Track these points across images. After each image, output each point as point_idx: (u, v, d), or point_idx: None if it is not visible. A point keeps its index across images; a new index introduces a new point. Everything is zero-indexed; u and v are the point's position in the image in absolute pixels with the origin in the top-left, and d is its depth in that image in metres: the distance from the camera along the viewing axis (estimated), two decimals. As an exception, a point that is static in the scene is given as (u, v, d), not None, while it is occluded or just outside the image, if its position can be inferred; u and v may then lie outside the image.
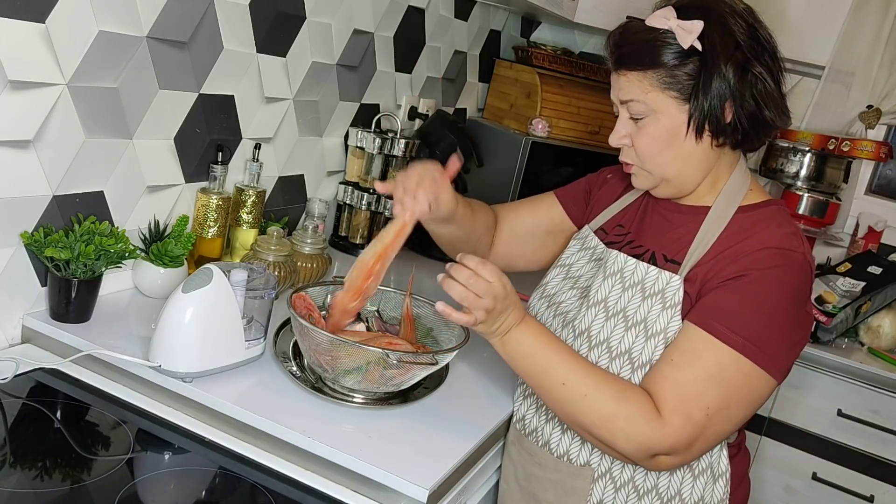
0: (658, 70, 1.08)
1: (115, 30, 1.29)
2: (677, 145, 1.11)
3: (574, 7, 2.22)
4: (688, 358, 1.06)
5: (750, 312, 1.05)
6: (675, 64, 1.08)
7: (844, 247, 2.62)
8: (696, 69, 1.08)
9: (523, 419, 1.28)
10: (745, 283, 1.06)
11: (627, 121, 1.14)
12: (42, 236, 1.24)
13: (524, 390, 1.30)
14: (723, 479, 1.17)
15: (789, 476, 2.23)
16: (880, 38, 2.50)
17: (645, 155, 1.14)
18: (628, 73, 1.11)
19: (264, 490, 1.06)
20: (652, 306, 1.12)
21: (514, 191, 2.32)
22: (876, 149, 2.46)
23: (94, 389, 1.20)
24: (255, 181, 1.65)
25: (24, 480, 0.96)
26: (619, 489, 1.17)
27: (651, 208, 1.25)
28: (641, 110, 1.11)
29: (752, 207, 1.15)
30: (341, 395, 1.22)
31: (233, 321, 1.18)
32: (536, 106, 2.40)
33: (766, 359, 1.05)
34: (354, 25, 1.91)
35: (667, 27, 1.08)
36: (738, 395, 1.06)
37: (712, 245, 1.12)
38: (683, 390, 1.05)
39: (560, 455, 1.21)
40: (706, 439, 1.07)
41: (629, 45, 1.11)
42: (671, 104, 1.09)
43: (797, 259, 1.08)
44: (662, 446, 1.05)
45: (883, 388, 2.11)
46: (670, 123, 1.10)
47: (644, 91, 1.10)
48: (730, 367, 1.04)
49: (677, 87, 1.08)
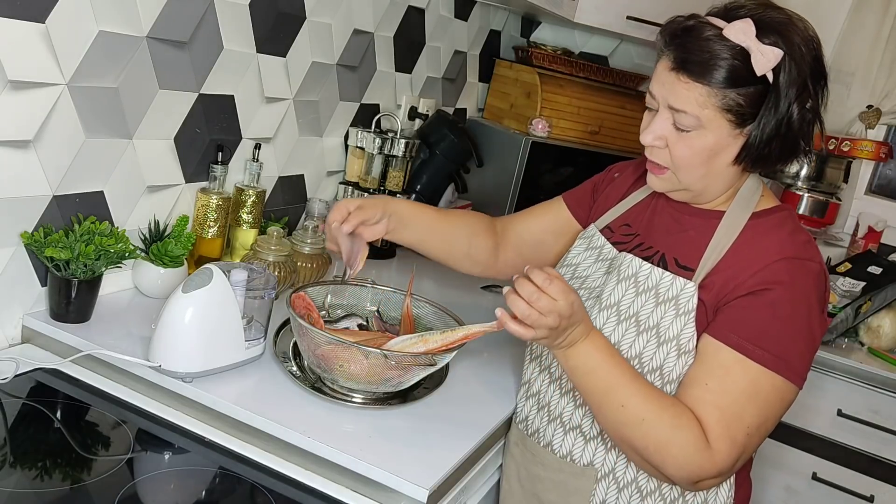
0: (724, 91, 1.03)
1: (115, 30, 1.29)
2: (714, 164, 1.09)
3: (574, 7, 2.22)
4: (724, 381, 1.06)
5: (777, 329, 1.05)
6: (742, 88, 1.03)
7: (844, 247, 2.62)
8: (758, 97, 1.03)
9: (526, 419, 1.28)
10: (770, 298, 1.06)
11: (669, 125, 1.09)
12: (42, 236, 1.24)
13: (526, 390, 1.30)
14: (727, 482, 1.17)
15: (789, 476, 2.23)
16: (880, 38, 2.50)
17: (681, 165, 1.10)
18: (690, 82, 1.04)
19: (264, 490, 1.06)
20: (665, 312, 1.12)
21: (514, 191, 2.32)
22: (876, 149, 2.46)
23: (94, 389, 1.20)
24: (255, 181, 1.65)
25: (24, 480, 0.96)
26: (622, 489, 1.17)
27: (661, 208, 1.23)
28: (691, 123, 1.06)
29: (763, 213, 1.14)
30: (341, 395, 1.22)
31: (233, 321, 1.18)
32: (536, 106, 2.40)
33: (793, 372, 1.06)
34: (354, 25, 1.91)
35: (744, 45, 1.02)
36: (772, 411, 1.07)
37: (726, 253, 1.11)
38: (726, 415, 1.05)
39: (563, 455, 1.21)
40: (745, 457, 1.08)
41: (699, 52, 1.03)
42: (724, 126, 1.05)
43: (815, 269, 1.08)
44: (711, 473, 1.05)
45: (883, 388, 2.11)
46: (716, 143, 1.07)
47: (701, 106, 1.04)
48: (765, 386, 1.05)
49: (736, 111, 1.04)
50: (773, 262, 1.07)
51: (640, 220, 1.25)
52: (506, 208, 2.31)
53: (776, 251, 1.08)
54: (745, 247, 1.11)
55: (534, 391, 1.28)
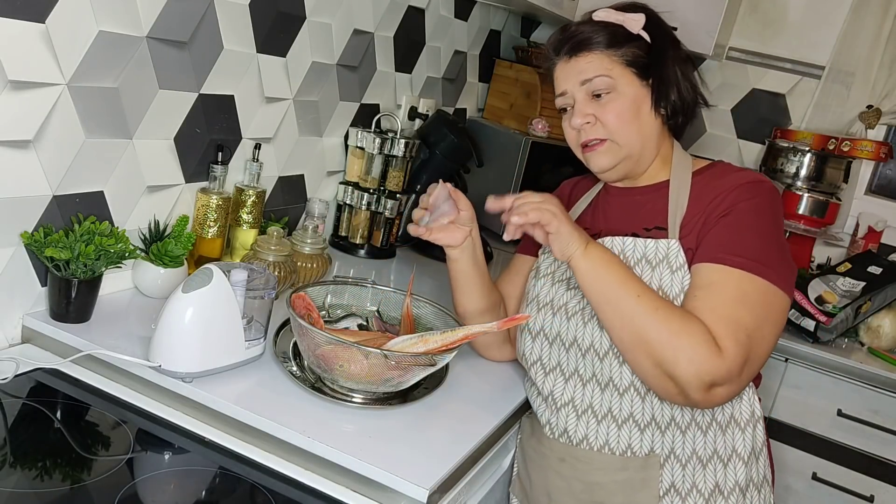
0: (617, 49, 1.21)
1: (115, 30, 1.29)
2: (641, 118, 1.23)
3: (574, 7, 2.22)
4: (710, 291, 1.13)
5: (747, 237, 1.15)
6: (629, 45, 1.22)
7: (844, 247, 2.62)
8: (645, 50, 1.22)
9: (566, 432, 1.26)
10: (734, 216, 1.16)
11: (589, 101, 1.23)
12: (42, 236, 1.24)
13: (552, 404, 1.27)
14: (760, 423, 1.24)
15: (789, 476, 2.23)
16: (880, 38, 2.50)
17: (614, 127, 1.22)
18: (588, 55, 1.22)
19: (264, 490, 1.06)
20: (662, 274, 1.18)
21: (514, 191, 2.32)
22: (876, 149, 2.46)
23: (94, 389, 1.20)
24: (255, 181, 1.65)
25: (24, 480, 0.96)
26: (685, 466, 1.20)
27: (610, 201, 1.33)
28: (607, 85, 1.21)
29: (703, 170, 1.27)
30: (341, 395, 1.22)
31: (233, 321, 1.18)
32: (536, 106, 2.40)
33: (774, 274, 1.13)
34: (354, 25, 1.91)
35: (613, 20, 1.23)
36: (764, 313, 1.12)
37: (687, 207, 1.22)
38: (723, 317, 1.10)
39: (622, 451, 1.21)
40: (751, 363, 1.12)
41: (583, 34, 1.23)
42: (633, 79, 1.22)
43: (767, 185, 1.21)
44: (721, 373, 1.09)
45: (883, 388, 2.11)
46: (634, 96, 1.22)
47: (607, 68, 1.21)
48: (749, 289, 1.12)
49: (636, 64, 1.22)
50: (732, 188, 1.19)
51: (597, 220, 1.33)
52: (506, 208, 2.31)
53: (732, 182, 1.20)
54: (703, 192, 1.22)
55: (565, 400, 1.25)
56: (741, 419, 1.23)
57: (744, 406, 1.23)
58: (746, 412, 1.23)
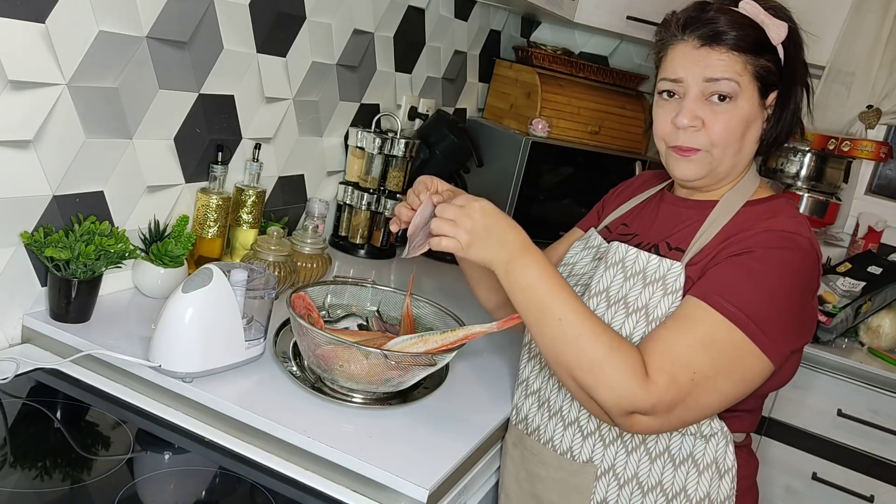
0: (753, 57, 1.09)
1: (115, 30, 1.29)
2: (746, 139, 1.13)
3: (574, 7, 2.22)
4: (682, 323, 1.06)
5: (750, 287, 1.05)
6: (764, 56, 1.10)
7: (844, 247, 2.62)
8: (777, 66, 1.11)
9: (525, 419, 1.28)
10: (749, 259, 1.06)
11: (702, 101, 1.11)
12: (42, 236, 1.24)
13: (525, 388, 1.30)
14: (728, 475, 1.15)
15: (789, 476, 2.23)
16: (880, 38, 2.50)
17: (719, 141, 1.12)
18: (724, 52, 1.09)
19: (264, 490, 1.06)
20: (653, 293, 1.12)
21: (514, 191, 2.32)
22: (876, 149, 2.46)
23: (94, 389, 1.20)
24: (255, 181, 1.65)
25: (24, 480, 0.96)
26: (622, 486, 1.17)
27: (661, 206, 1.26)
28: (731, 91, 1.10)
29: (759, 201, 1.16)
30: (341, 395, 1.22)
31: (233, 321, 1.18)
32: (536, 106, 2.40)
33: (761, 336, 1.03)
34: (354, 25, 1.91)
35: (758, 20, 1.10)
36: (727, 367, 1.04)
37: (717, 233, 1.13)
38: (673, 352, 1.04)
39: (563, 452, 1.21)
40: (687, 407, 1.05)
41: (730, 25, 1.09)
42: (754, 95, 1.11)
43: (803, 244, 1.08)
44: (643, 404, 1.02)
45: (883, 388, 2.11)
46: (749, 113, 1.11)
47: (738, 73, 1.09)
48: (722, 337, 1.03)
49: (762, 80, 1.11)
50: (763, 230, 1.09)
51: (639, 221, 1.28)
52: (505, 208, 2.31)
53: (768, 224, 1.10)
54: (737, 227, 1.12)
55: (534, 388, 1.27)
56: (701, 461, 1.14)
57: (708, 449, 1.14)
58: (709, 456, 1.14)
